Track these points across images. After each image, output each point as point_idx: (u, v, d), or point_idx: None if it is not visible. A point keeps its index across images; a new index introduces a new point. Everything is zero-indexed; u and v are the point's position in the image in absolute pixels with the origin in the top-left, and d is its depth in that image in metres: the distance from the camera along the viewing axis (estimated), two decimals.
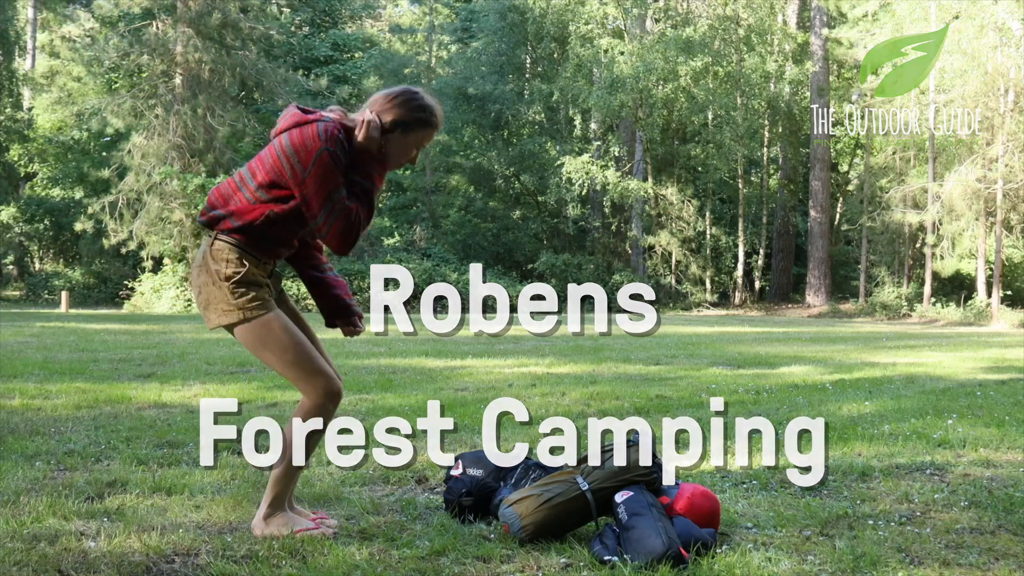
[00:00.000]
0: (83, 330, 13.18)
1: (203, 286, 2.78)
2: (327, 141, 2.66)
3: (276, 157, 2.71)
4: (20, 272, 33.79)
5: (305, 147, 2.67)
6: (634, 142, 30.80)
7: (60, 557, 2.54)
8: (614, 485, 2.86)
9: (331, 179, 2.67)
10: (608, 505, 2.84)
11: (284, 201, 2.73)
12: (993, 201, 24.43)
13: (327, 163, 2.66)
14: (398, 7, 49.69)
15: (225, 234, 2.75)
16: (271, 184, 2.72)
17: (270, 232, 2.77)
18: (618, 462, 2.91)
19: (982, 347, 12.73)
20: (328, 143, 2.66)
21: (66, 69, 32.60)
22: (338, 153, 2.68)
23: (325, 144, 2.66)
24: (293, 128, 2.72)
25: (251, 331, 2.75)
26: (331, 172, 2.67)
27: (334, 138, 2.68)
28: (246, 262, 2.76)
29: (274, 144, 2.74)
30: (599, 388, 6.76)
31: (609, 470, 2.89)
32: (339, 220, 2.70)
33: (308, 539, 2.78)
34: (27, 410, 5.24)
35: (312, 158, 2.66)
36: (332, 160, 2.67)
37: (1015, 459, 4.27)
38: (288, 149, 2.69)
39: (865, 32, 28.55)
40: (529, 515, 2.79)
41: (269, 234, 2.77)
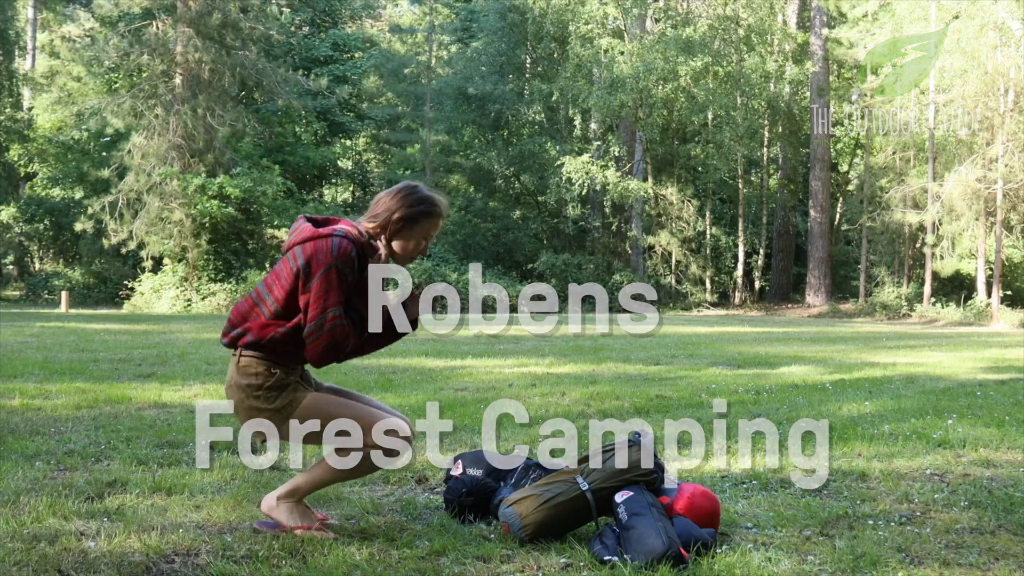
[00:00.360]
0: (83, 330, 13.18)
1: (239, 402, 2.88)
2: (338, 258, 2.75)
3: (290, 270, 2.79)
4: (20, 272, 33.79)
5: (317, 259, 2.75)
6: (634, 142, 30.80)
7: (60, 557, 2.54)
8: (614, 485, 2.86)
9: (332, 294, 2.73)
10: (608, 505, 2.84)
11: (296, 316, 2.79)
12: (993, 201, 24.42)
13: (332, 278, 2.73)
14: (398, 7, 49.69)
15: (248, 349, 2.83)
16: (286, 296, 2.79)
17: (291, 345, 2.82)
18: (619, 462, 2.91)
19: (982, 347, 12.73)
20: (339, 259, 2.74)
21: (66, 69, 32.61)
22: (346, 272, 2.76)
23: (336, 260, 2.74)
24: (307, 241, 2.78)
25: (298, 421, 2.82)
26: (333, 287, 2.73)
27: (346, 255, 2.76)
28: (275, 370, 2.83)
29: (288, 257, 2.81)
30: (599, 388, 6.76)
31: (609, 470, 2.89)
32: (326, 336, 2.74)
33: (308, 539, 2.78)
34: (27, 410, 5.24)
35: (320, 270, 2.73)
36: (338, 277, 2.74)
37: (1015, 459, 4.27)
38: (300, 261, 2.77)
39: (865, 32, 28.55)
40: (529, 515, 2.79)
41: (291, 348, 2.83)
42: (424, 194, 2.92)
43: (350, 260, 2.76)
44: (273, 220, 26.49)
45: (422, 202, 2.90)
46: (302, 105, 27.98)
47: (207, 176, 24.18)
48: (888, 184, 28.87)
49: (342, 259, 2.74)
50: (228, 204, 24.20)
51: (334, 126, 33.64)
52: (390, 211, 2.88)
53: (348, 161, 38.15)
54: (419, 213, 2.89)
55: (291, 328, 2.78)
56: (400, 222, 2.87)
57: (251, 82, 26.47)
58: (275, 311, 2.80)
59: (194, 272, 24.83)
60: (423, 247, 2.95)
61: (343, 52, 34.01)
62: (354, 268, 2.79)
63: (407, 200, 2.89)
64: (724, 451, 4.38)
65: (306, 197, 31.45)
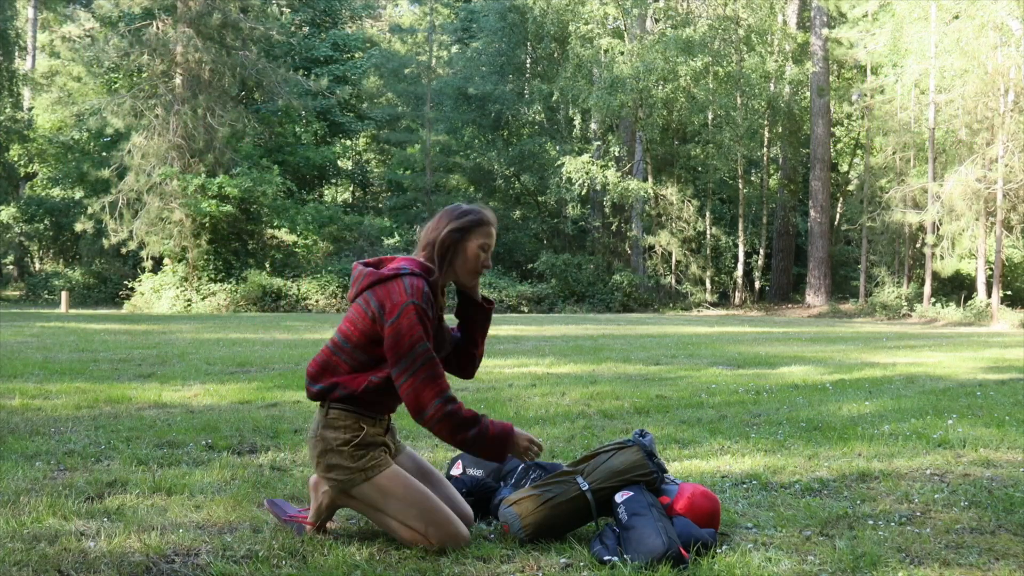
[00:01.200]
0: (83, 330, 13.18)
1: (321, 455, 2.79)
2: (413, 294, 2.69)
3: (364, 314, 2.73)
4: (20, 272, 33.81)
5: (391, 300, 2.69)
6: (634, 142, 30.80)
7: (60, 557, 2.54)
8: (614, 485, 2.85)
9: (416, 330, 2.67)
10: (608, 505, 2.84)
11: (384, 364, 2.75)
12: (993, 201, 24.43)
13: (413, 316, 2.67)
14: (398, 7, 49.70)
15: (337, 403, 2.78)
16: (367, 343, 2.74)
17: (380, 396, 2.79)
18: (619, 463, 2.91)
19: (982, 347, 12.73)
20: (414, 296, 2.68)
21: (66, 69, 32.66)
22: (425, 308, 2.70)
23: (411, 297, 2.68)
24: (377, 285, 2.74)
25: (372, 488, 2.74)
26: (415, 324, 2.67)
27: (420, 291, 2.70)
28: (363, 425, 2.78)
29: (358, 302, 2.76)
30: (599, 388, 6.76)
31: (610, 470, 2.89)
32: (422, 371, 2.67)
33: (308, 539, 2.78)
34: (27, 410, 5.24)
35: (397, 310, 2.67)
36: (418, 313, 2.67)
37: (1015, 459, 4.27)
38: (375, 305, 2.71)
39: (865, 32, 28.56)
40: (529, 515, 2.79)
41: (379, 398, 2.79)
42: (467, 207, 2.89)
43: (425, 296, 2.71)
44: (273, 220, 26.51)
45: (467, 213, 2.86)
46: (302, 105, 27.99)
47: (207, 176, 24.18)
48: (888, 184, 28.87)
49: (418, 295, 2.69)
50: (228, 204, 24.21)
51: (334, 126, 33.65)
52: (438, 231, 2.83)
53: (348, 161, 38.16)
54: (468, 223, 2.84)
55: (384, 377, 2.73)
56: (450, 239, 2.82)
57: (251, 82, 26.50)
58: (356, 358, 2.76)
59: (194, 272, 24.84)
60: (484, 260, 2.88)
61: (343, 52, 34.01)
62: (431, 301, 2.74)
63: (450, 216, 2.86)
64: (724, 451, 4.38)
65: (306, 197, 31.47)
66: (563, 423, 5.11)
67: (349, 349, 2.77)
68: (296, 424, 4.92)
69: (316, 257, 28.01)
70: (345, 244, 29.26)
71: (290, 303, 24.83)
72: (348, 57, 34.30)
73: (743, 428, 5.05)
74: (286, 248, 27.34)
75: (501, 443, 2.76)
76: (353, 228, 29.39)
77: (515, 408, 5.70)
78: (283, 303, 24.74)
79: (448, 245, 2.83)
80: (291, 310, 24.47)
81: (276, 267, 26.33)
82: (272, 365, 8.25)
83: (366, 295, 2.74)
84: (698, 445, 4.52)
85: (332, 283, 25.46)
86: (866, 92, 30.42)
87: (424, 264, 2.82)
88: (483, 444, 2.74)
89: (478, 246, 2.85)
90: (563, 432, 4.78)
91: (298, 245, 27.46)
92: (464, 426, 2.71)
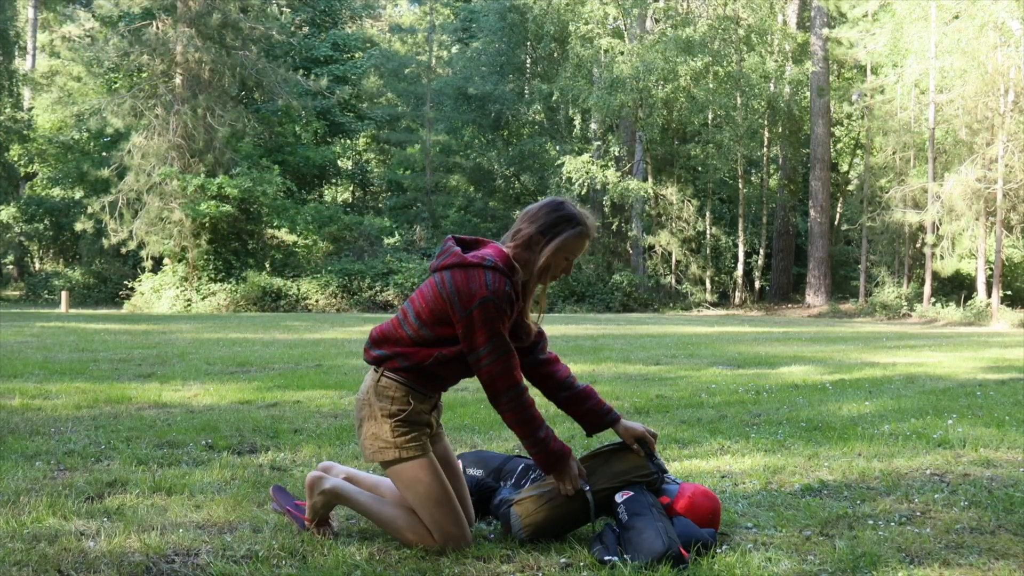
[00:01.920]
0: (83, 330, 13.18)
1: (364, 419, 2.79)
2: (493, 292, 2.63)
3: (438, 294, 2.68)
4: (20, 272, 33.81)
5: (470, 291, 2.64)
6: (634, 142, 30.80)
7: (60, 557, 2.54)
8: (615, 486, 2.85)
9: (489, 325, 2.64)
10: (608, 506, 2.84)
11: (451, 343, 2.72)
12: (993, 201, 24.42)
13: (490, 311, 2.63)
14: (398, 7, 49.71)
15: (392, 372, 2.75)
16: (435, 321, 2.71)
17: (439, 372, 2.77)
18: (619, 463, 2.91)
19: (982, 347, 12.73)
20: (495, 294, 2.63)
21: (66, 69, 32.64)
22: (503, 306, 2.65)
23: (492, 294, 2.63)
24: (457, 268, 2.68)
25: (404, 471, 2.74)
26: (493, 320, 2.64)
27: (501, 291, 2.64)
28: (412, 400, 2.75)
29: (435, 279, 2.70)
30: (599, 388, 6.75)
31: (610, 471, 2.89)
32: (497, 362, 2.67)
33: (308, 539, 2.78)
34: (27, 410, 5.24)
35: (475, 303, 2.63)
36: (496, 310, 2.64)
37: (1015, 459, 4.27)
38: (450, 288, 2.65)
39: (865, 32, 28.56)
40: (529, 515, 2.79)
41: (438, 373, 2.77)
42: (569, 211, 2.78)
43: (506, 296, 2.66)
44: (273, 220, 26.51)
45: (567, 219, 2.76)
46: (302, 105, 28.00)
47: (207, 176, 24.18)
48: (888, 184, 28.87)
49: (498, 294, 2.63)
50: (227, 204, 24.21)
51: (334, 126, 33.65)
52: (533, 223, 2.76)
53: (348, 161, 38.15)
54: (562, 229, 2.75)
55: (453, 354, 2.72)
56: (541, 237, 2.74)
57: (251, 82, 26.49)
58: (422, 334, 2.72)
59: (194, 272, 24.84)
60: (565, 267, 2.80)
61: (343, 52, 34.02)
62: (511, 300, 2.68)
63: (550, 215, 2.77)
64: (724, 451, 4.38)
65: (306, 197, 31.48)
66: (563, 423, 5.11)
67: (416, 325, 2.73)
68: (296, 424, 4.92)
69: (316, 257, 28.02)
70: (345, 244, 29.27)
71: (290, 303, 24.83)
72: (348, 57, 34.30)
73: (743, 428, 5.05)
74: (286, 248, 27.34)
75: (557, 459, 2.78)
76: (353, 228, 29.40)
77: None
78: (283, 303, 24.74)
79: (535, 246, 2.75)
80: (291, 310, 24.47)
81: (276, 267, 26.33)
82: (272, 365, 8.25)
83: (444, 275, 2.69)
84: (698, 445, 4.51)
85: (332, 283, 25.46)
86: (866, 92, 30.41)
87: (510, 260, 2.74)
88: (542, 450, 2.77)
89: (565, 254, 2.78)
90: (563, 432, 4.78)
91: (298, 245, 27.47)
92: (530, 424, 2.76)
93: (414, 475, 2.73)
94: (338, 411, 5.46)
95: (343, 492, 2.86)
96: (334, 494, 2.85)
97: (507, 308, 2.67)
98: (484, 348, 2.66)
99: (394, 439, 2.73)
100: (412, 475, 2.73)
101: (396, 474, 2.75)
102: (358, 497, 2.87)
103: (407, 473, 2.73)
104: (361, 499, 2.86)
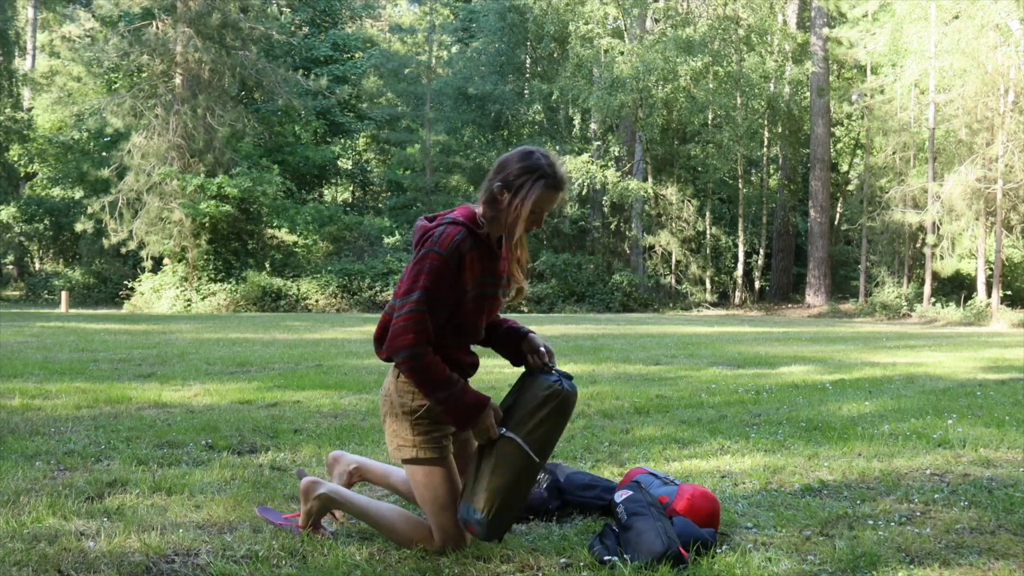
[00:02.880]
0: (83, 330, 13.18)
1: (387, 415, 2.78)
2: (438, 243, 2.59)
3: (408, 269, 2.66)
4: (20, 272, 33.81)
5: (423, 245, 2.63)
6: (634, 142, 30.80)
7: (60, 557, 2.54)
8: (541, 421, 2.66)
9: (422, 277, 2.57)
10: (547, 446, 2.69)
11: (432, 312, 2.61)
12: (993, 201, 24.42)
13: (426, 263, 2.57)
14: (398, 7, 49.70)
15: None
16: None
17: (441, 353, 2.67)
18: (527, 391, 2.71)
19: (982, 347, 12.73)
20: (438, 245, 2.59)
21: (66, 69, 32.64)
22: (446, 256, 2.58)
23: (435, 245, 2.59)
24: (423, 239, 2.65)
25: (419, 471, 2.72)
26: (424, 271, 2.57)
27: (448, 240, 2.59)
28: None
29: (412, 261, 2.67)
30: (599, 388, 6.75)
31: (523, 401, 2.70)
32: (410, 316, 2.56)
33: (308, 539, 2.78)
34: (27, 410, 5.24)
35: (420, 253, 2.61)
36: (438, 260, 2.57)
37: (1015, 459, 4.27)
38: (415, 254, 2.65)
39: (865, 32, 28.55)
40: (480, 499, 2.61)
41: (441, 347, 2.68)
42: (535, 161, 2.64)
43: (453, 245, 2.58)
44: (273, 220, 26.51)
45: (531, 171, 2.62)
46: (302, 105, 27.99)
47: (207, 176, 24.18)
48: (888, 184, 28.86)
49: (443, 244, 2.57)
50: (227, 204, 24.21)
51: (334, 126, 33.65)
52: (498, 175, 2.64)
53: (348, 161, 38.15)
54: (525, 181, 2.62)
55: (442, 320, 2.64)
56: (505, 191, 2.62)
57: (251, 82, 26.49)
58: None
59: (194, 272, 24.84)
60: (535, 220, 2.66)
61: (343, 52, 34.02)
62: (459, 252, 2.60)
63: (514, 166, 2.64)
64: (724, 451, 4.38)
65: (306, 197, 31.47)
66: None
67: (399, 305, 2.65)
68: (296, 424, 4.92)
69: (316, 257, 28.02)
70: (345, 244, 29.27)
71: (290, 303, 24.83)
72: (348, 57, 34.30)
73: (743, 428, 5.05)
74: (286, 248, 27.35)
75: (467, 412, 2.63)
76: (353, 228, 29.40)
77: None
78: (283, 303, 24.74)
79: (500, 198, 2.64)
80: (291, 310, 24.47)
81: (276, 267, 26.34)
82: (272, 365, 8.25)
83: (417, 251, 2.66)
84: (698, 445, 4.51)
85: (332, 283, 25.46)
86: (866, 92, 30.41)
87: (474, 216, 2.68)
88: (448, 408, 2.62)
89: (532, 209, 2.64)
90: (563, 432, 4.78)
91: (298, 245, 27.47)
92: (429, 384, 2.60)
93: (428, 479, 2.72)
94: (338, 411, 5.46)
95: (338, 497, 2.84)
96: (329, 499, 2.84)
97: (452, 261, 2.59)
98: (408, 297, 2.57)
99: (413, 437, 2.70)
100: (426, 479, 2.72)
101: (412, 472, 2.75)
102: (353, 500, 2.85)
103: (422, 474, 2.72)
104: (357, 503, 2.85)
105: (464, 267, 2.63)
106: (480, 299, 2.69)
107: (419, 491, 2.75)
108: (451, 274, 2.60)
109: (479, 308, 2.71)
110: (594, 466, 3.94)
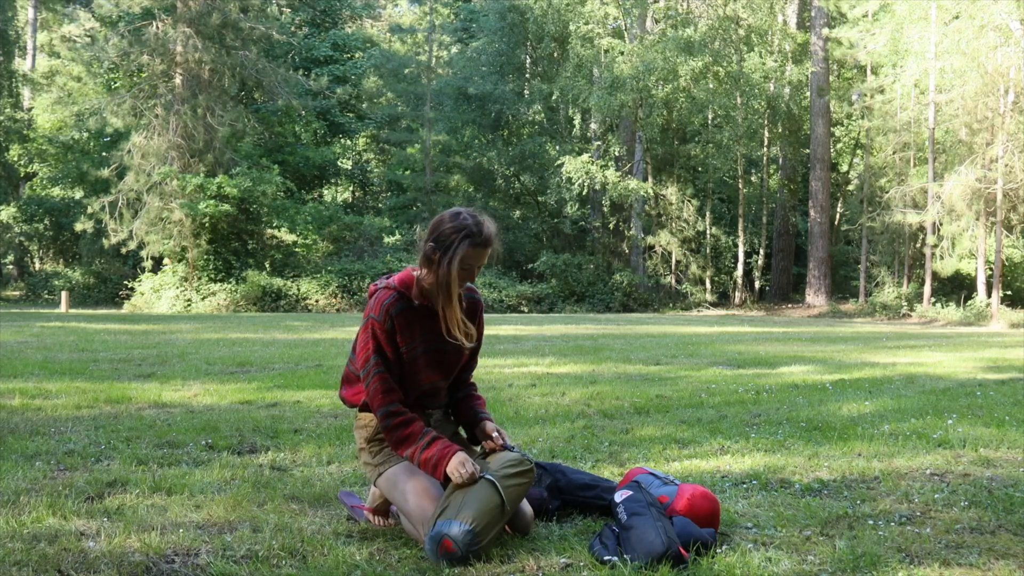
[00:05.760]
0: (83, 330, 13.18)
1: (358, 452, 3.07)
2: (372, 309, 2.84)
3: (359, 332, 2.92)
4: (20, 272, 33.80)
5: (365, 315, 2.89)
6: (634, 142, 30.80)
7: (60, 557, 2.54)
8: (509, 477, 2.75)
9: (368, 345, 2.82)
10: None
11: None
12: (993, 201, 24.42)
13: (370, 330, 2.83)
14: (398, 7, 49.71)
15: (360, 408, 3.00)
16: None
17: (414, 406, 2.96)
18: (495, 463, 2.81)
19: (982, 347, 12.73)
20: (373, 310, 2.84)
21: (66, 69, 32.68)
22: (383, 323, 2.82)
23: (372, 311, 2.85)
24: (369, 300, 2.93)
25: (383, 481, 2.91)
26: (368, 340, 2.82)
27: (379, 305, 2.83)
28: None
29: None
30: (599, 388, 6.76)
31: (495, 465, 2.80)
32: (370, 384, 2.83)
33: (308, 539, 2.78)
34: (27, 410, 5.24)
35: (364, 320, 2.87)
36: (377, 327, 2.82)
37: (1015, 459, 4.27)
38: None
39: (865, 32, 28.55)
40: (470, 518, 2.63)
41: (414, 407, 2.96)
42: (462, 221, 2.77)
43: (384, 310, 2.81)
44: (273, 220, 26.51)
45: (458, 230, 2.75)
46: (302, 105, 28.00)
47: (207, 176, 24.17)
48: (888, 184, 28.86)
49: (375, 310, 2.82)
50: (227, 204, 24.20)
51: (334, 126, 33.64)
52: (429, 237, 2.81)
53: (348, 161, 38.16)
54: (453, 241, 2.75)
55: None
56: (436, 252, 2.78)
57: (251, 82, 26.50)
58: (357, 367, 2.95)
59: (194, 272, 24.84)
60: (467, 276, 2.83)
61: (343, 52, 34.02)
62: (391, 316, 2.82)
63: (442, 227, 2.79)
64: (724, 451, 4.38)
65: (306, 197, 31.46)
66: (563, 423, 5.11)
67: (354, 359, 2.97)
68: (296, 424, 4.92)
69: (316, 257, 28.02)
70: (345, 244, 29.27)
71: (290, 303, 24.82)
72: (348, 57, 34.30)
73: (743, 428, 5.05)
74: (286, 248, 27.35)
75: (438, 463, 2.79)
76: (353, 228, 29.40)
77: (515, 408, 5.70)
78: (283, 303, 24.74)
79: (431, 258, 2.81)
80: (291, 310, 24.47)
81: (276, 267, 26.34)
82: (272, 365, 8.25)
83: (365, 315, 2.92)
84: (698, 445, 4.51)
85: (332, 283, 25.46)
86: (866, 92, 30.41)
87: (409, 279, 2.90)
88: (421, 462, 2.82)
89: (462, 267, 2.79)
90: (563, 432, 4.78)
91: (298, 245, 27.46)
92: (402, 443, 2.84)
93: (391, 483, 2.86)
94: (338, 411, 5.46)
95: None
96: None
97: (387, 323, 2.82)
98: (364, 368, 2.84)
99: (372, 460, 2.96)
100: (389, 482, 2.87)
101: (381, 484, 2.92)
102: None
103: (385, 481, 2.89)
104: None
105: (396, 330, 2.84)
106: (432, 354, 2.90)
107: (393, 498, 2.88)
108: (388, 336, 2.84)
109: (434, 363, 2.92)
110: (594, 466, 3.94)
